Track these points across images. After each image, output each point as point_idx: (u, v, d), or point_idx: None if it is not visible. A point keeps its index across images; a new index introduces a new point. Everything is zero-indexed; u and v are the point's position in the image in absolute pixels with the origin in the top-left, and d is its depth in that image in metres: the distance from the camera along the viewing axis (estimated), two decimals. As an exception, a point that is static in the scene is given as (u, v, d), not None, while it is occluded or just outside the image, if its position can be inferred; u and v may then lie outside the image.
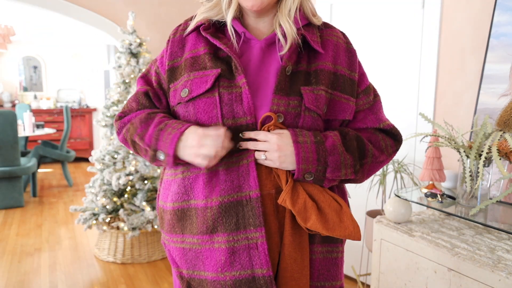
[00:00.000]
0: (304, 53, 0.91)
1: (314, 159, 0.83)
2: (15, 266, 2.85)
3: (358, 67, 0.97)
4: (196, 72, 0.88)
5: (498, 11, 1.79)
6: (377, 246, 1.68)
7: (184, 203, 0.90)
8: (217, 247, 0.87)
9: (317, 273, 0.93)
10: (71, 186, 5.19)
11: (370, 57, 2.44)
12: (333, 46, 0.93)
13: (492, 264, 1.25)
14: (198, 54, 0.90)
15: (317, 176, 0.85)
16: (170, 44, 0.96)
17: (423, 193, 1.68)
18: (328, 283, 0.94)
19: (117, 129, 0.98)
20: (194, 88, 0.87)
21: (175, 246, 0.95)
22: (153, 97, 0.97)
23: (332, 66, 0.91)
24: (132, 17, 3.00)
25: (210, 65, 0.88)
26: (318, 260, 0.93)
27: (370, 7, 2.43)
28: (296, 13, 0.90)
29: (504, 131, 1.39)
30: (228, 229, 0.85)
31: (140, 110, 0.96)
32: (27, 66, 7.11)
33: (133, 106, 0.97)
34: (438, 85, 2.13)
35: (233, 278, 0.86)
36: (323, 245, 0.93)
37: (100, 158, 2.95)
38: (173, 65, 0.93)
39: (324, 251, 0.94)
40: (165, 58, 0.96)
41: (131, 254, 2.92)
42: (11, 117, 4.11)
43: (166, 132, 0.85)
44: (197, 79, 0.87)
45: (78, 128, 6.89)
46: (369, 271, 2.29)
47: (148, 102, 0.97)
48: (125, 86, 3.00)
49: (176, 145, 0.83)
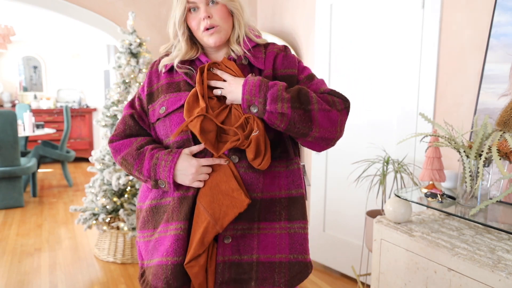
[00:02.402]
0: (254, 69, 1.15)
1: (257, 91, 1.02)
2: (15, 266, 2.86)
3: (297, 65, 1.17)
4: (171, 94, 1.12)
5: (498, 11, 1.79)
6: (377, 246, 1.68)
7: (159, 201, 1.13)
8: (168, 234, 1.07)
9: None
10: (71, 186, 5.20)
11: (370, 57, 2.45)
12: (273, 56, 1.16)
13: (492, 264, 1.25)
14: (174, 81, 1.15)
15: (260, 109, 1.02)
16: (148, 75, 1.21)
17: (423, 193, 1.69)
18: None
19: (112, 152, 1.19)
20: (170, 105, 1.10)
21: (143, 241, 1.14)
22: (137, 118, 1.18)
23: (272, 72, 1.14)
24: (132, 17, 3.00)
25: (184, 88, 1.12)
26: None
27: (370, 7, 2.43)
28: (243, 39, 1.15)
29: (504, 131, 1.39)
30: (178, 219, 1.06)
31: (126, 132, 1.18)
32: (27, 66, 7.11)
33: (121, 128, 1.19)
34: (438, 85, 2.13)
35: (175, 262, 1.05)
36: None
37: (100, 158, 2.95)
38: (151, 90, 1.18)
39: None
40: (145, 86, 1.20)
41: (131, 254, 2.92)
42: (11, 117, 4.11)
43: (161, 166, 1.07)
44: (172, 99, 1.10)
45: (78, 128, 6.89)
46: (369, 271, 2.29)
47: (133, 122, 1.18)
48: (125, 86, 3.00)
49: (173, 174, 1.05)
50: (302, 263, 1.12)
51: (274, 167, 1.09)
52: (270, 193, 1.09)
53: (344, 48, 2.61)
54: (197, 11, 1.10)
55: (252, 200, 1.05)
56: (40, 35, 6.62)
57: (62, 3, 3.30)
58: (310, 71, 1.19)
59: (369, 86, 2.45)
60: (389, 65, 2.34)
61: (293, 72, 1.15)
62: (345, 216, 2.66)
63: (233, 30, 1.14)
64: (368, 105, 2.47)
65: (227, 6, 1.10)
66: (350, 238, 2.66)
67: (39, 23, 5.65)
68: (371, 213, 2.17)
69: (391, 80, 2.33)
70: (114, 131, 1.21)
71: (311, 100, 1.03)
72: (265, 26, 3.63)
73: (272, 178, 1.09)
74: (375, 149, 2.32)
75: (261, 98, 1.01)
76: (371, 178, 2.14)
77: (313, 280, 2.67)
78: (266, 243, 1.08)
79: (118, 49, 3.12)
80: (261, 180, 1.07)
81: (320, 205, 2.80)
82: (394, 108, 2.33)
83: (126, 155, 1.13)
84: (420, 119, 2.16)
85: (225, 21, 1.11)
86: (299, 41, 3.19)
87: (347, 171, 2.37)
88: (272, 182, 1.09)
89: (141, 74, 2.97)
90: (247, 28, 1.16)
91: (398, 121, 2.31)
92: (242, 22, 1.14)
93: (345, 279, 2.69)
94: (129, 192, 2.92)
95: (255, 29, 1.20)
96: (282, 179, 1.11)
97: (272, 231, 1.09)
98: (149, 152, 1.10)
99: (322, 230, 2.81)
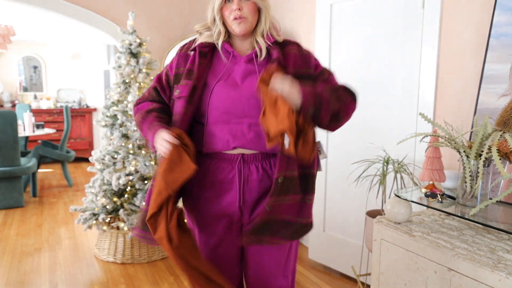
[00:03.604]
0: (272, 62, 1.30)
1: (311, 100, 1.20)
2: (15, 266, 2.86)
3: (313, 62, 1.37)
4: (186, 80, 1.31)
5: (498, 11, 1.79)
6: (377, 246, 1.68)
7: None
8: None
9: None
10: (71, 186, 5.20)
11: (370, 57, 2.44)
12: (293, 57, 1.33)
13: (492, 264, 1.25)
14: (192, 69, 1.32)
15: (312, 112, 1.21)
16: (177, 57, 1.39)
17: (423, 193, 1.68)
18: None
19: (133, 111, 1.46)
20: (182, 90, 1.31)
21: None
22: (160, 90, 1.42)
23: (293, 70, 1.29)
24: (132, 17, 3.00)
25: (193, 77, 1.31)
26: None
27: (370, 7, 2.43)
28: (267, 33, 1.34)
29: (504, 131, 1.39)
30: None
31: (149, 100, 1.43)
32: (27, 66, 7.11)
33: (145, 95, 1.46)
34: (438, 85, 2.13)
35: None
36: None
37: (100, 158, 2.95)
38: (177, 72, 1.37)
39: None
40: (173, 66, 1.39)
41: (131, 254, 2.93)
42: (11, 117, 4.11)
43: (151, 131, 1.31)
44: (183, 85, 1.31)
45: (78, 128, 6.89)
46: (369, 271, 2.29)
47: (155, 93, 1.43)
48: (125, 86, 3.00)
49: (153, 140, 1.30)
50: (305, 224, 1.36)
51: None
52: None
53: (344, 48, 2.60)
54: (231, 2, 1.29)
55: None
56: (40, 35, 6.62)
57: (62, 3, 3.31)
58: (321, 65, 1.39)
59: (369, 86, 2.45)
60: (389, 65, 2.34)
61: (310, 72, 1.35)
62: (345, 216, 2.66)
63: (259, 24, 1.33)
64: (368, 105, 2.47)
65: (257, 4, 1.30)
66: (350, 238, 2.66)
67: (39, 23, 5.64)
68: (371, 213, 2.17)
69: (391, 80, 2.33)
70: (142, 95, 1.48)
71: (344, 100, 1.30)
72: (265, 26, 3.63)
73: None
74: (375, 149, 2.32)
75: (315, 104, 1.21)
76: (371, 178, 2.14)
77: (313, 280, 2.67)
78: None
79: (118, 49, 3.12)
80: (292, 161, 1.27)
81: (320, 205, 2.80)
82: (394, 108, 2.33)
83: (139, 113, 1.41)
84: (420, 119, 2.16)
85: (252, 15, 1.30)
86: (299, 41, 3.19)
87: (347, 171, 2.37)
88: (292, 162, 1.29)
89: (141, 74, 2.97)
90: (271, 25, 1.35)
91: (398, 121, 2.31)
92: (268, 19, 1.33)
93: (345, 279, 2.69)
94: (129, 192, 2.92)
95: (277, 27, 1.39)
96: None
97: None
98: (152, 118, 1.35)
99: (322, 230, 2.81)
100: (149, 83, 3.04)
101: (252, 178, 1.30)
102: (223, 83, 1.29)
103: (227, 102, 1.27)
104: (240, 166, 1.28)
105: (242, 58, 1.33)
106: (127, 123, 2.94)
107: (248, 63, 1.32)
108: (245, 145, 1.27)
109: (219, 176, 1.31)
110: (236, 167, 1.29)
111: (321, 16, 2.71)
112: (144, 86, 3.02)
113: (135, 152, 2.95)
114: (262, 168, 1.30)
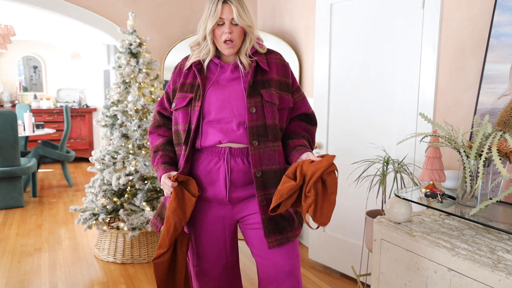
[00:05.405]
0: (258, 71, 1.50)
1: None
2: (15, 266, 2.86)
3: (290, 75, 1.57)
4: (181, 93, 1.52)
5: (498, 11, 1.79)
6: (377, 246, 1.68)
7: None
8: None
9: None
10: (71, 186, 5.20)
11: (370, 57, 2.44)
12: (275, 65, 1.54)
13: (492, 264, 1.25)
14: (186, 82, 1.53)
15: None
16: (173, 75, 1.60)
17: (423, 193, 1.68)
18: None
19: (149, 139, 1.68)
20: (178, 103, 1.51)
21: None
22: (163, 111, 1.63)
23: (276, 77, 1.52)
24: (132, 17, 3.00)
25: (189, 90, 1.51)
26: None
27: (370, 7, 2.42)
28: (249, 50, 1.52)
29: (504, 131, 1.39)
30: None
31: (155, 124, 1.66)
32: (27, 66, 7.11)
33: (153, 121, 1.68)
34: (438, 85, 2.13)
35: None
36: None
37: (100, 158, 2.95)
38: (175, 87, 1.57)
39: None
40: (171, 84, 1.60)
41: (131, 254, 2.93)
42: (11, 117, 4.11)
43: (158, 172, 1.53)
44: (180, 98, 1.51)
45: (78, 128, 6.89)
46: (369, 271, 2.29)
47: (160, 117, 1.64)
48: (125, 86, 3.00)
49: (160, 180, 1.52)
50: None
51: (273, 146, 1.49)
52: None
53: (344, 48, 2.60)
54: (223, 26, 1.45)
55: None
56: (40, 35, 6.62)
57: (62, 3, 3.30)
58: (296, 81, 1.59)
59: (369, 86, 2.45)
60: (389, 65, 2.34)
61: (289, 82, 1.55)
62: (345, 216, 2.66)
63: (243, 45, 1.50)
64: (368, 105, 2.47)
65: (244, 28, 1.47)
66: (350, 238, 2.66)
67: (39, 23, 5.65)
68: (371, 213, 2.16)
69: (391, 80, 2.33)
70: (151, 122, 1.70)
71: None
72: (265, 26, 3.63)
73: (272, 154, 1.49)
74: (375, 149, 2.32)
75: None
76: (371, 178, 2.14)
77: (313, 280, 2.67)
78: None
79: (118, 49, 3.12)
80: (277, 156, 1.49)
81: (320, 205, 2.79)
82: (394, 108, 2.33)
83: (151, 148, 1.63)
84: (420, 119, 2.16)
85: (239, 39, 1.48)
86: (299, 41, 3.20)
87: (347, 171, 2.37)
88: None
89: (141, 74, 2.97)
90: (254, 41, 1.52)
91: (398, 121, 2.31)
92: (252, 40, 1.51)
93: (345, 279, 2.69)
94: (129, 192, 2.92)
95: (260, 40, 1.58)
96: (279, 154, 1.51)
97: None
98: (157, 158, 1.55)
99: (322, 230, 2.81)
100: (149, 83, 3.04)
101: (237, 169, 1.45)
102: (213, 89, 1.48)
103: (217, 105, 1.45)
104: (227, 157, 1.44)
105: (229, 66, 1.51)
106: (127, 123, 2.94)
107: (234, 71, 1.50)
108: (234, 140, 1.44)
109: (209, 166, 1.47)
110: (223, 159, 1.45)
111: (321, 16, 2.71)
112: (144, 86, 3.02)
113: (135, 152, 2.95)
114: (247, 161, 1.45)
